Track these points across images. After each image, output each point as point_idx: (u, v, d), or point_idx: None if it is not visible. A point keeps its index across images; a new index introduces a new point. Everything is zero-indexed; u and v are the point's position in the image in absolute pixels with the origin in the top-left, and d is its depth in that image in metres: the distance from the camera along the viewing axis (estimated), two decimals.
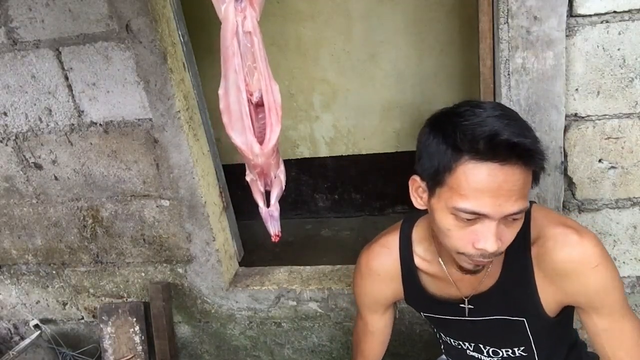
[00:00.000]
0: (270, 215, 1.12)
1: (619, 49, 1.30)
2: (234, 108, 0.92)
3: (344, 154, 2.79)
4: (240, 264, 2.06)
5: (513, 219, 0.87)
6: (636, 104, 1.35)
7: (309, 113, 2.73)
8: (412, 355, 1.87)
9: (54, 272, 2.04)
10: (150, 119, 1.68)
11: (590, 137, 1.41)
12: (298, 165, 2.82)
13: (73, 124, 1.74)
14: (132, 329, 1.99)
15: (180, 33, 1.69)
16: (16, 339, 2.22)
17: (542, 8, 1.28)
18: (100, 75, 1.65)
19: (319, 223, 2.84)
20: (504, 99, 1.40)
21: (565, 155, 1.44)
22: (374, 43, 2.52)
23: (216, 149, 1.95)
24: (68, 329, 2.18)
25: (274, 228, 1.14)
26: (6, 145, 1.83)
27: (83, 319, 2.13)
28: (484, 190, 0.82)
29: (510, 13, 1.31)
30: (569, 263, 0.93)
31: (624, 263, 1.55)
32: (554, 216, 1.00)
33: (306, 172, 2.85)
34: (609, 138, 1.40)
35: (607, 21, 1.29)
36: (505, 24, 1.32)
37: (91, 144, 1.76)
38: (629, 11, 1.26)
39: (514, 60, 1.35)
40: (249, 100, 0.93)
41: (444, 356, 1.32)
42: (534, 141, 0.86)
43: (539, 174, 0.90)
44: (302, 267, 1.98)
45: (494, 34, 1.46)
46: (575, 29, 1.31)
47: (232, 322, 1.98)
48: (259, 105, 0.95)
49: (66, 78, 1.68)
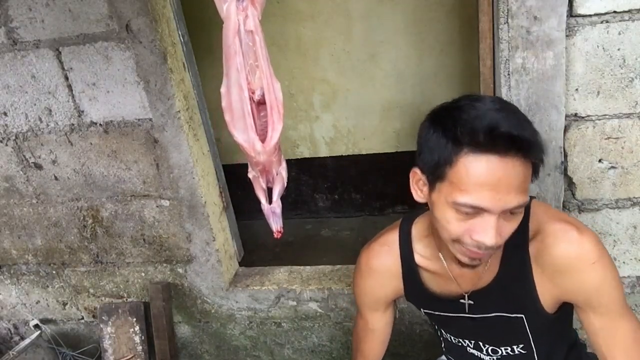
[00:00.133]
0: (273, 212, 1.13)
1: (619, 49, 1.31)
2: (236, 106, 0.93)
3: (344, 154, 2.79)
4: (240, 264, 2.06)
5: (513, 214, 0.87)
6: (636, 104, 1.35)
7: (309, 113, 2.73)
8: (412, 355, 1.87)
9: (54, 272, 2.04)
10: (150, 119, 1.68)
11: (590, 137, 1.41)
12: (298, 165, 2.82)
13: (73, 124, 1.74)
14: (132, 329, 1.99)
15: (180, 33, 1.69)
16: (16, 339, 2.22)
17: (542, 8, 1.28)
18: (100, 75, 1.65)
19: (319, 223, 2.84)
20: (504, 99, 1.40)
21: (565, 155, 1.44)
22: (374, 43, 2.52)
23: (216, 149, 1.95)
24: (68, 329, 2.18)
25: (276, 224, 1.15)
26: (6, 145, 1.82)
27: (83, 319, 2.13)
28: (484, 183, 0.82)
29: (510, 13, 1.31)
30: (566, 259, 0.93)
31: (624, 263, 1.55)
32: (554, 212, 1.00)
33: (306, 172, 2.85)
34: (609, 138, 1.40)
35: (607, 21, 1.29)
36: (505, 24, 1.32)
37: (91, 144, 1.76)
38: (629, 11, 1.27)
39: (514, 60, 1.35)
40: (251, 99, 0.94)
41: (444, 357, 1.32)
42: (533, 134, 0.86)
43: (539, 168, 0.89)
44: (302, 267, 1.98)
45: (494, 34, 1.46)
46: (575, 29, 1.31)
47: (232, 322, 1.98)
48: (260, 104, 0.96)
49: (66, 78, 1.68)
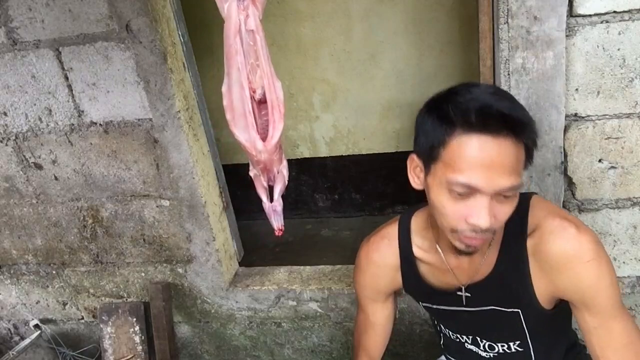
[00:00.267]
0: (274, 210, 1.13)
1: (619, 49, 1.31)
2: (237, 105, 0.93)
3: (344, 154, 2.79)
4: (240, 264, 2.06)
5: (506, 197, 0.87)
6: (636, 104, 1.35)
7: (309, 113, 2.73)
8: (412, 355, 1.87)
9: (54, 272, 2.04)
10: (150, 119, 1.68)
11: (590, 137, 1.41)
12: (298, 165, 2.82)
13: (73, 124, 1.74)
14: (132, 329, 1.99)
15: (180, 33, 1.69)
16: (16, 339, 2.22)
17: (542, 8, 1.29)
18: (100, 75, 1.65)
19: (319, 223, 2.83)
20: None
21: (565, 155, 1.44)
22: (374, 43, 2.52)
23: (216, 149, 1.95)
24: (68, 329, 2.18)
25: (277, 222, 1.16)
26: (6, 145, 1.82)
27: (83, 319, 2.13)
28: (477, 163, 0.83)
29: (510, 13, 1.31)
30: (562, 255, 0.93)
31: (624, 263, 1.55)
32: (554, 209, 1.00)
33: (306, 172, 2.85)
34: (609, 138, 1.40)
35: (607, 21, 1.29)
36: (505, 24, 1.32)
37: (91, 144, 1.76)
38: (629, 11, 1.27)
39: (514, 60, 1.35)
40: (252, 98, 0.94)
41: (444, 357, 1.32)
42: (526, 116, 0.87)
43: (532, 152, 0.90)
44: (302, 267, 1.98)
45: (494, 34, 1.46)
46: (575, 29, 1.31)
47: (232, 322, 1.98)
48: (261, 103, 0.96)
49: (66, 78, 1.68)
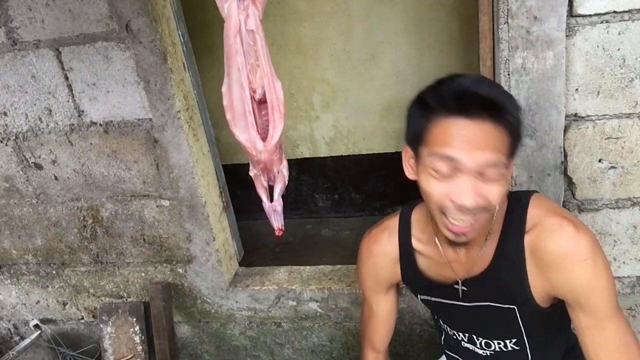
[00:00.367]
0: (274, 210, 1.13)
1: (619, 49, 1.31)
2: (237, 105, 0.93)
3: (344, 154, 2.79)
4: (240, 264, 2.06)
5: (490, 176, 0.87)
6: (636, 104, 1.35)
7: (309, 113, 2.73)
8: (412, 355, 1.87)
9: (54, 272, 2.04)
10: (150, 119, 1.68)
11: (590, 137, 1.41)
12: (298, 165, 2.82)
13: (73, 124, 1.74)
14: (132, 329, 1.99)
15: (180, 33, 1.69)
16: (16, 339, 2.22)
17: (542, 8, 1.29)
18: (100, 75, 1.65)
19: (319, 223, 2.83)
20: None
21: (565, 155, 1.44)
22: (374, 43, 2.52)
23: (216, 149, 1.95)
24: (68, 329, 2.18)
25: (277, 222, 1.16)
26: (6, 145, 1.82)
27: (83, 319, 2.13)
28: (456, 142, 0.85)
29: (510, 13, 1.31)
30: (558, 253, 0.93)
31: (624, 263, 1.55)
32: (554, 207, 1.00)
33: (306, 172, 2.85)
34: (609, 138, 1.40)
35: (607, 21, 1.29)
36: (505, 24, 1.32)
37: (91, 144, 1.76)
38: (629, 11, 1.27)
39: (514, 60, 1.35)
40: (252, 98, 0.94)
41: (444, 358, 1.32)
42: (505, 98, 0.87)
43: (518, 134, 0.90)
44: (302, 267, 1.98)
45: (494, 34, 1.46)
46: (575, 29, 1.31)
47: (232, 322, 1.98)
48: (261, 102, 0.96)
49: (66, 78, 1.68)
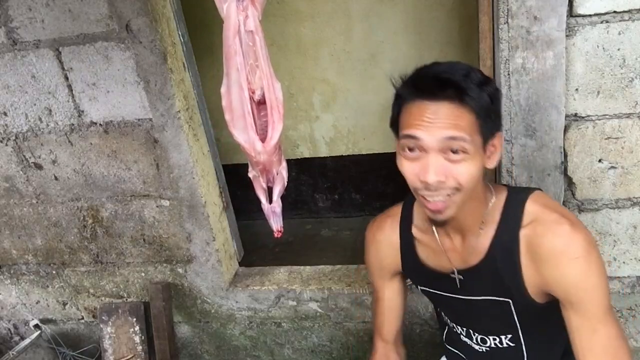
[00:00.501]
0: (273, 211, 1.13)
1: (619, 49, 1.31)
2: (236, 106, 0.93)
3: (344, 154, 2.78)
4: (240, 264, 2.06)
5: (455, 155, 0.88)
6: (636, 104, 1.35)
7: (309, 113, 2.73)
8: (412, 355, 1.87)
9: (54, 272, 2.04)
10: (150, 119, 1.68)
11: (590, 137, 1.41)
12: (298, 165, 2.82)
13: (73, 124, 1.74)
14: (132, 329, 1.99)
15: (180, 33, 1.69)
16: (16, 339, 2.22)
17: (542, 8, 1.29)
18: (100, 75, 1.65)
19: (319, 223, 2.83)
20: (504, 99, 1.40)
21: (565, 155, 1.44)
22: (374, 43, 2.51)
23: (216, 149, 1.95)
24: (68, 329, 2.18)
25: (276, 224, 1.16)
26: (6, 145, 1.82)
27: (83, 319, 2.13)
28: (416, 120, 0.90)
29: (510, 13, 1.31)
30: (551, 249, 0.94)
31: (624, 263, 1.55)
32: (554, 204, 1.01)
33: (306, 172, 2.85)
34: (609, 138, 1.40)
35: (607, 21, 1.29)
36: (505, 24, 1.32)
37: (91, 144, 1.76)
38: (629, 11, 1.27)
39: (514, 60, 1.35)
40: (251, 98, 0.94)
41: (445, 358, 1.32)
42: (467, 80, 0.88)
43: (484, 114, 0.90)
44: (302, 267, 1.98)
45: (494, 34, 1.46)
46: (575, 29, 1.31)
47: (232, 322, 1.98)
48: (261, 103, 0.96)
49: (66, 78, 1.68)
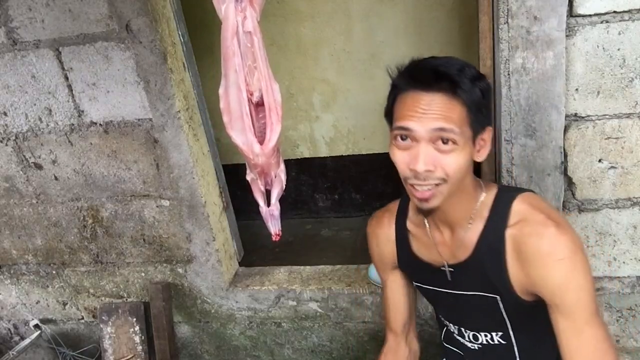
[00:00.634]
0: (271, 215, 1.12)
1: (619, 49, 1.30)
2: (234, 107, 0.92)
3: (344, 154, 2.78)
4: (240, 264, 2.06)
5: (447, 149, 0.91)
6: (636, 104, 1.35)
7: (309, 113, 2.73)
8: None
9: (54, 272, 2.04)
10: (150, 119, 1.68)
11: (590, 137, 1.41)
12: (298, 165, 2.82)
13: (73, 124, 1.74)
14: (132, 329, 1.99)
15: (180, 33, 1.69)
16: (16, 339, 2.22)
17: (542, 8, 1.28)
18: (100, 75, 1.65)
19: (319, 223, 2.83)
20: (504, 99, 1.40)
21: (565, 155, 1.44)
22: (374, 43, 2.51)
23: (216, 149, 1.95)
24: (68, 329, 2.18)
25: (274, 227, 1.15)
26: (6, 145, 1.83)
27: (83, 319, 2.13)
28: (411, 110, 0.92)
29: (510, 13, 1.31)
30: (536, 250, 0.95)
31: (624, 263, 1.55)
32: (542, 206, 1.01)
33: (306, 172, 2.85)
34: (609, 138, 1.40)
35: (607, 21, 1.29)
36: (505, 24, 1.32)
37: (91, 144, 1.76)
38: (629, 11, 1.26)
39: (514, 60, 1.35)
40: (249, 100, 0.93)
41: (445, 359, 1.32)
42: (461, 74, 0.91)
43: (474, 108, 0.91)
44: (302, 267, 1.98)
45: (494, 34, 1.46)
46: (575, 29, 1.31)
47: (232, 322, 1.98)
48: (259, 105, 0.95)
49: (66, 78, 1.68)
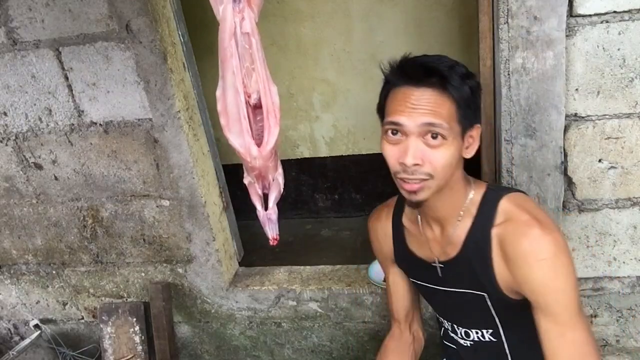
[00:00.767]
0: (268, 219, 1.12)
1: (619, 49, 1.30)
2: (232, 110, 0.92)
3: (344, 154, 2.78)
4: (240, 264, 2.06)
5: (434, 140, 0.92)
6: (636, 104, 1.35)
7: (309, 113, 2.73)
8: None
9: (54, 272, 2.04)
10: (150, 119, 1.68)
11: (590, 137, 1.41)
12: (298, 165, 2.82)
13: (73, 124, 1.74)
14: (132, 329, 1.99)
15: (180, 33, 1.69)
16: (16, 339, 2.22)
17: (542, 8, 1.28)
18: (100, 75, 1.65)
19: (319, 223, 2.83)
20: (504, 99, 1.40)
21: (565, 155, 1.44)
22: (374, 43, 2.51)
23: (216, 149, 1.95)
24: (68, 329, 2.18)
25: (271, 231, 1.15)
26: (6, 145, 1.83)
27: (83, 319, 2.13)
28: (401, 105, 0.94)
29: (510, 13, 1.31)
30: (520, 250, 0.96)
31: (624, 263, 1.55)
32: (530, 206, 1.02)
33: (306, 172, 2.85)
34: (609, 138, 1.40)
35: (607, 21, 1.28)
36: (505, 24, 1.32)
37: (91, 144, 1.76)
38: (629, 11, 1.26)
39: (514, 60, 1.35)
40: (247, 102, 0.93)
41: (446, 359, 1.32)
42: (451, 70, 0.93)
43: (464, 105, 0.93)
44: (302, 267, 1.98)
45: (494, 34, 1.45)
46: (575, 29, 1.31)
47: (232, 322, 1.98)
48: (257, 107, 0.95)
49: (66, 78, 1.68)
